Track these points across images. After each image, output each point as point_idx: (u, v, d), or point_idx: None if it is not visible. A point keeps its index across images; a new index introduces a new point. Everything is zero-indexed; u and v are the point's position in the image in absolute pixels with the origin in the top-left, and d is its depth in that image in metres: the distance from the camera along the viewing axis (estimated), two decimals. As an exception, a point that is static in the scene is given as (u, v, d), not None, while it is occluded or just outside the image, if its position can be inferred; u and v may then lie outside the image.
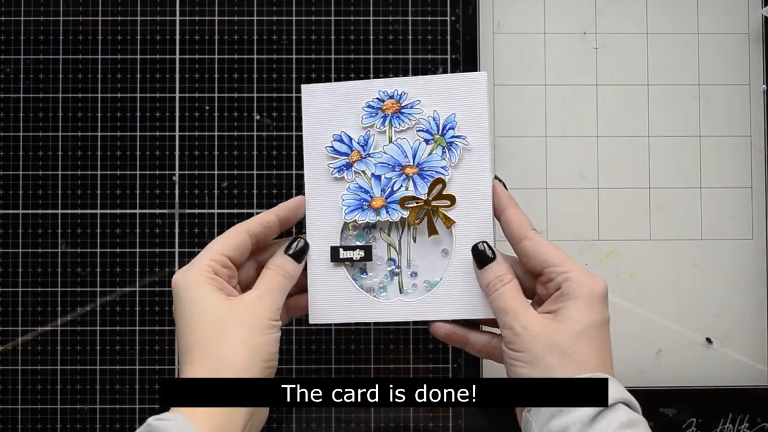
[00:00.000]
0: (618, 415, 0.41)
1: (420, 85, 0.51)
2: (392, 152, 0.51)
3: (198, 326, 0.45)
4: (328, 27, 0.66)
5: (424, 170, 0.50)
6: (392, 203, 0.50)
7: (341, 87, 0.52)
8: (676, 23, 0.68)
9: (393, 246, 0.51)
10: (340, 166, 0.51)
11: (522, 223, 0.49)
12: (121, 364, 0.65)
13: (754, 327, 0.67)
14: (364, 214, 0.50)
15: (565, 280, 0.46)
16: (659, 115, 0.67)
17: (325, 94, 0.52)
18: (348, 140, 0.51)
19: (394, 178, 0.50)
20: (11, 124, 0.65)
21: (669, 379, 0.67)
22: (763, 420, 0.66)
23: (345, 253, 0.51)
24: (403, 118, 0.51)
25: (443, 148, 0.50)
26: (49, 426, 0.65)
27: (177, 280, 0.46)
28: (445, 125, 0.50)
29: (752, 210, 0.67)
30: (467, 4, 0.66)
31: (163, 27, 0.66)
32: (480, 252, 0.49)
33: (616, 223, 0.67)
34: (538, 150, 0.67)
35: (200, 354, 0.44)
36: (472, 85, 0.50)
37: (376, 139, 0.51)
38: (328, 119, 0.51)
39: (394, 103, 0.51)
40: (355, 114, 0.51)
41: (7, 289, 0.65)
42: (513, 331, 0.45)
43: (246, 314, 0.45)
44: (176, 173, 0.66)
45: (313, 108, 0.52)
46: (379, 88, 0.51)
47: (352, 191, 0.51)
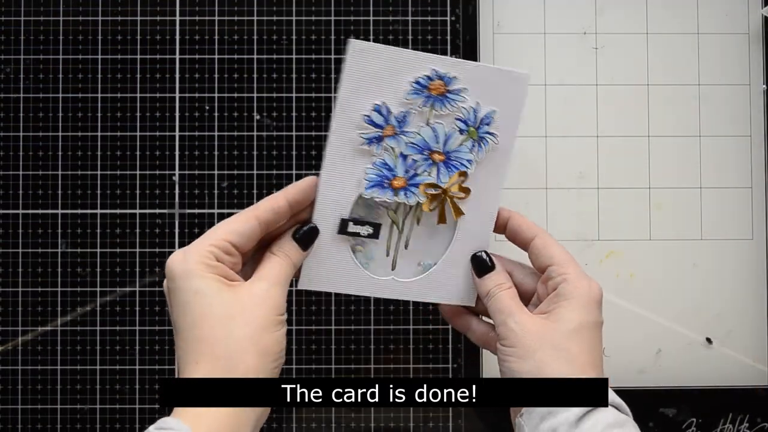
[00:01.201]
0: (604, 415, 0.42)
1: (469, 72, 0.49)
2: (426, 135, 0.49)
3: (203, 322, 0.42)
4: (328, 27, 0.66)
5: (451, 159, 0.50)
6: (413, 186, 0.50)
7: (391, 53, 0.48)
8: (676, 23, 0.68)
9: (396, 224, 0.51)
10: (372, 138, 0.48)
11: (530, 224, 0.50)
12: (121, 364, 0.65)
13: (754, 327, 0.67)
14: (383, 192, 0.49)
15: (562, 281, 0.46)
16: (659, 115, 0.67)
17: (373, 55, 0.48)
18: (387, 113, 0.49)
19: (420, 162, 0.50)
20: (11, 124, 0.65)
21: (669, 379, 0.67)
22: (763, 420, 0.66)
23: (354, 227, 0.49)
24: (446, 103, 0.49)
25: (473, 141, 0.50)
26: (49, 426, 0.65)
27: (174, 266, 0.43)
28: (482, 119, 0.50)
29: (752, 210, 0.67)
30: (467, 4, 0.66)
31: (163, 27, 0.66)
32: (480, 261, 0.50)
33: (616, 223, 0.67)
34: (538, 150, 0.67)
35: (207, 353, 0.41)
36: (518, 83, 0.49)
37: (414, 118, 0.49)
38: (369, 85, 0.48)
39: (441, 85, 0.49)
40: (400, 86, 0.48)
41: (7, 289, 0.65)
42: (506, 327, 0.46)
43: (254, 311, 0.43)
44: (176, 173, 0.66)
45: (357, 69, 0.48)
46: (432, 65, 0.48)
47: (377, 166, 0.49)
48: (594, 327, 0.46)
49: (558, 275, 0.47)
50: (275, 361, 0.44)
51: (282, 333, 0.44)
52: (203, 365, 0.41)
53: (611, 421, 0.42)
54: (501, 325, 0.47)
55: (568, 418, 0.42)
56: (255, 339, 0.42)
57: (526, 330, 0.45)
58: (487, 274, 0.49)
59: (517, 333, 0.45)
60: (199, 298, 0.42)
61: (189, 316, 0.42)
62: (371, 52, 0.48)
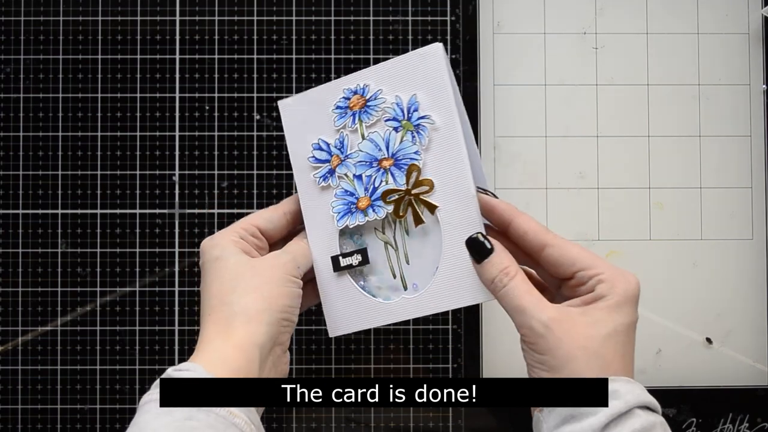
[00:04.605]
0: (631, 422, 0.39)
1: (380, 73, 0.49)
2: (367, 149, 0.50)
3: (217, 279, 0.45)
4: (328, 27, 0.66)
5: (399, 159, 0.49)
6: (376, 200, 0.50)
7: (311, 94, 0.51)
8: (676, 23, 0.68)
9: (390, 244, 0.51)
10: (324, 174, 0.50)
11: (537, 229, 0.44)
12: (121, 364, 0.65)
13: (754, 327, 0.67)
14: (353, 217, 0.50)
15: (597, 282, 0.43)
16: (659, 115, 0.67)
17: (297, 105, 0.51)
18: (326, 146, 0.50)
19: (373, 175, 0.50)
20: (11, 124, 0.65)
21: (669, 379, 0.67)
22: (763, 420, 0.66)
23: (344, 260, 0.50)
24: (370, 111, 0.50)
25: (412, 133, 0.49)
26: (49, 426, 0.65)
27: (204, 243, 0.48)
28: (408, 108, 0.49)
29: (752, 210, 0.67)
30: (467, 4, 0.66)
31: (163, 27, 0.66)
32: (474, 243, 0.45)
33: (616, 223, 0.67)
34: (538, 150, 0.67)
35: (217, 304, 0.45)
36: (429, 59, 0.48)
37: (350, 139, 0.50)
38: (305, 130, 0.51)
39: (359, 99, 0.50)
40: (328, 118, 0.50)
41: (7, 289, 0.65)
42: (533, 331, 0.42)
43: (264, 268, 0.46)
44: (176, 173, 0.66)
45: (290, 121, 0.51)
46: (343, 86, 0.50)
47: (339, 197, 0.50)
48: (629, 329, 0.43)
49: (590, 278, 0.43)
50: (281, 312, 0.45)
51: (290, 290, 0.46)
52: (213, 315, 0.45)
53: (637, 427, 0.39)
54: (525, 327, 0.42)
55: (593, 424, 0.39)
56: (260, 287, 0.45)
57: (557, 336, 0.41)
58: (486, 259, 0.45)
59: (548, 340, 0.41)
60: (219, 262, 0.46)
61: (209, 277, 0.46)
62: (293, 103, 0.51)
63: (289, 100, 0.51)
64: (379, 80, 0.50)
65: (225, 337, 0.43)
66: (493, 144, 0.67)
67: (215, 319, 0.44)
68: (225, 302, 0.45)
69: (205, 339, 0.44)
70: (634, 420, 0.40)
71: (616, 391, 0.40)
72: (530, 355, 0.43)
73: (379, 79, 0.50)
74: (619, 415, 0.39)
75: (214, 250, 0.47)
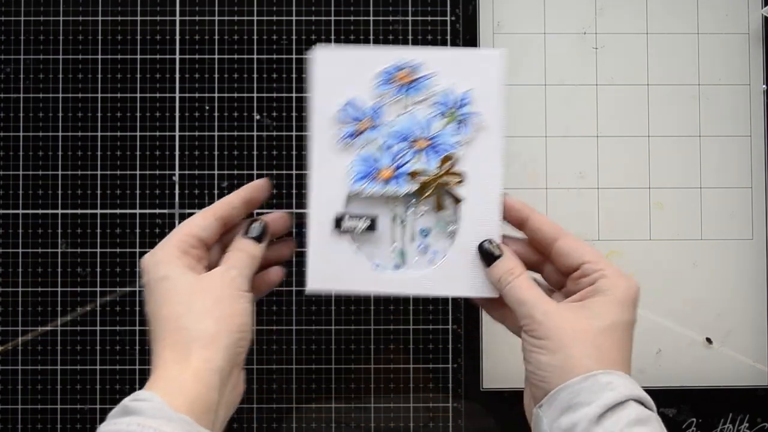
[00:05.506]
0: (627, 412, 0.41)
1: (438, 58, 0.49)
2: (405, 123, 0.49)
3: (167, 301, 0.44)
4: (328, 27, 0.66)
5: (437, 144, 0.49)
6: (401, 175, 0.49)
7: (355, 52, 0.50)
8: (676, 23, 0.68)
9: (400, 218, 0.50)
10: (350, 132, 0.49)
11: (551, 224, 0.48)
12: (121, 364, 0.65)
13: (754, 327, 0.67)
14: (371, 185, 0.49)
15: (601, 276, 0.45)
16: (659, 115, 0.67)
17: (337, 58, 0.49)
18: (360, 107, 0.49)
19: (405, 150, 0.49)
20: (11, 124, 0.65)
21: (669, 379, 0.67)
22: (763, 420, 0.66)
23: (350, 221, 0.49)
24: (419, 88, 0.49)
25: (456, 123, 0.49)
26: (49, 426, 0.65)
27: (146, 261, 0.47)
28: (461, 100, 0.49)
29: (752, 210, 0.67)
30: (467, 4, 0.66)
31: (163, 27, 0.66)
32: (486, 251, 0.48)
33: (616, 223, 0.67)
34: (538, 150, 0.67)
35: (171, 328, 0.44)
36: (489, 62, 0.49)
37: (389, 109, 0.49)
38: (338, 85, 0.49)
39: (409, 73, 0.50)
40: (369, 81, 0.49)
41: (7, 289, 0.65)
42: (533, 319, 0.45)
43: (213, 286, 0.45)
44: (176, 173, 0.66)
45: (324, 72, 0.49)
46: (396, 56, 0.49)
47: (360, 160, 0.49)
48: (628, 326, 0.45)
49: (594, 271, 0.46)
50: (238, 332, 0.45)
51: (244, 307, 0.46)
52: (168, 341, 0.43)
53: (633, 417, 0.41)
54: (526, 317, 0.45)
55: (589, 414, 0.41)
56: (213, 308, 0.44)
57: (555, 323, 0.44)
58: (495, 262, 0.48)
59: (546, 325, 0.44)
60: (165, 282, 0.45)
61: (157, 298, 0.45)
62: (334, 54, 0.50)
63: (328, 50, 0.50)
64: (436, 64, 0.49)
65: (182, 363, 0.42)
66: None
67: (170, 344, 0.43)
68: (179, 327, 0.44)
69: (161, 366, 0.43)
70: (629, 411, 0.41)
71: (610, 383, 0.42)
72: (530, 342, 0.45)
73: (435, 62, 0.49)
74: (614, 405, 0.41)
75: (159, 268, 0.46)
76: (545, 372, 0.44)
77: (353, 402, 0.65)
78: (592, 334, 0.44)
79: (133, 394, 0.41)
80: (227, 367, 0.44)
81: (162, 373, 0.42)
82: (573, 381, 0.42)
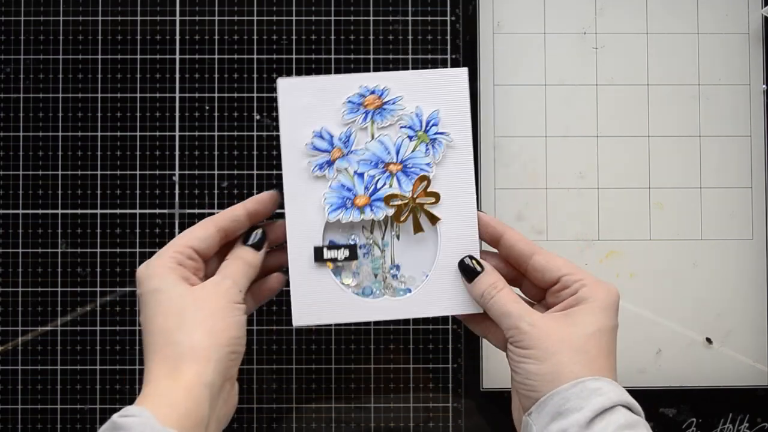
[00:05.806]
0: (616, 417, 0.42)
1: (402, 81, 0.50)
2: (375, 149, 0.50)
3: (159, 314, 0.44)
4: (328, 27, 0.66)
5: (408, 167, 0.50)
6: (376, 201, 0.50)
7: (320, 81, 0.50)
8: (676, 23, 0.68)
9: (377, 244, 0.51)
10: (321, 163, 0.49)
11: (526, 240, 0.49)
12: (121, 364, 0.65)
13: (754, 327, 0.67)
14: (348, 213, 0.49)
15: (581, 286, 0.46)
16: (659, 115, 0.67)
17: (303, 88, 0.50)
18: (329, 136, 0.50)
19: (377, 176, 0.50)
20: (11, 124, 0.66)
21: (669, 379, 0.67)
22: (763, 420, 0.66)
23: (329, 252, 0.49)
24: (386, 114, 0.50)
25: (426, 145, 0.50)
26: (49, 426, 0.65)
27: (140, 272, 0.46)
28: (428, 121, 0.50)
29: (752, 210, 0.67)
30: (467, 4, 0.66)
31: (163, 27, 0.66)
32: (467, 267, 0.49)
33: (616, 223, 0.67)
34: (538, 150, 0.67)
35: (162, 342, 0.43)
36: (454, 81, 0.50)
37: (358, 136, 0.50)
38: (306, 115, 0.50)
39: (375, 99, 0.50)
40: (336, 110, 0.50)
41: (7, 289, 0.65)
42: (519, 330, 0.45)
43: (206, 298, 0.45)
44: (176, 173, 0.66)
45: (291, 103, 0.50)
46: (360, 83, 0.50)
47: (335, 189, 0.50)
48: (611, 331, 0.46)
49: (574, 282, 0.46)
50: (229, 346, 0.44)
51: (237, 320, 0.45)
52: (159, 354, 0.43)
53: (622, 422, 0.41)
54: (512, 328, 0.46)
55: (579, 420, 0.41)
56: (205, 321, 0.44)
57: (542, 332, 0.45)
58: (476, 278, 0.48)
59: (533, 335, 0.44)
60: (158, 295, 0.45)
61: (149, 311, 0.45)
62: (300, 85, 0.50)
63: (292, 80, 0.50)
64: (400, 87, 0.50)
65: (173, 378, 0.42)
66: (493, 144, 0.67)
67: (161, 357, 0.43)
68: (171, 341, 0.43)
69: (151, 380, 0.43)
70: (618, 416, 0.42)
71: (599, 389, 0.43)
72: (517, 352, 0.45)
73: (400, 85, 0.50)
74: (603, 410, 0.42)
75: (152, 280, 0.45)
76: (533, 381, 0.44)
77: (353, 402, 0.65)
78: (579, 341, 0.44)
79: (122, 410, 0.41)
80: (219, 381, 0.43)
81: (153, 388, 0.42)
82: (562, 387, 0.43)
